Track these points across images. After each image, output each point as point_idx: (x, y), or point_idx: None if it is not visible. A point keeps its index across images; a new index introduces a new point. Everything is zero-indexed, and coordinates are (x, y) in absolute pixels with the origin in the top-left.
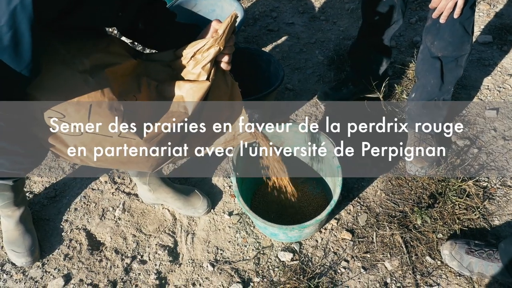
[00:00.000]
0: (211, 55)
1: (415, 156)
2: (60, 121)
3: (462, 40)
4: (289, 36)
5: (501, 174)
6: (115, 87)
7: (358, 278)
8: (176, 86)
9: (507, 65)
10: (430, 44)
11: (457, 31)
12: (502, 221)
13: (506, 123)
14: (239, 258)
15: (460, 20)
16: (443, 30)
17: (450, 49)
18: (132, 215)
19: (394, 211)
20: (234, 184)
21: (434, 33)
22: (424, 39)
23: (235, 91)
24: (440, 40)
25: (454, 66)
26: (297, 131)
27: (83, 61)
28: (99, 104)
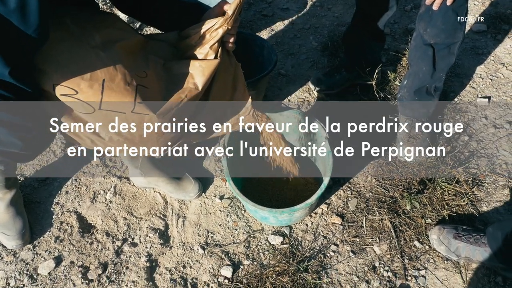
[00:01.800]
0: (220, 34)
1: (406, 142)
2: (73, 98)
3: (454, 28)
4: (284, 21)
5: (491, 161)
6: (126, 63)
7: (347, 262)
8: (184, 64)
9: (500, 54)
10: (423, 31)
11: (450, 18)
12: (490, 208)
13: (497, 111)
14: (230, 241)
15: (453, 8)
16: (435, 17)
17: (442, 36)
18: (124, 198)
19: (384, 196)
20: (225, 168)
21: (427, 20)
22: (417, 26)
23: (239, 72)
24: (432, 27)
25: (446, 54)
26: (289, 116)
27: (95, 36)
28: (112, 79)
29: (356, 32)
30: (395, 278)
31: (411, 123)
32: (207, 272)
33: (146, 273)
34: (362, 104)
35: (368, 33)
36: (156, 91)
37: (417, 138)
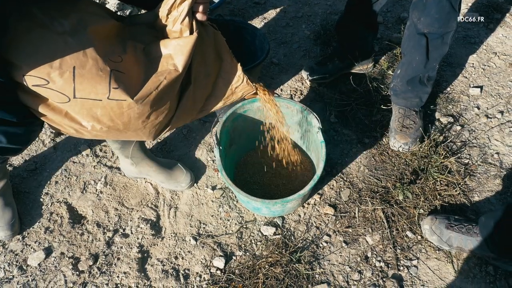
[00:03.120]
0: (186, 8)
1: (399, 131)
2: (45, 88)
3: (448, 17)
4: (276, 9)
5: (483, 151)
6: (99, 48)
7: (339, 252)
8: (162, 45)
9: (492, 43)
10: (416, 20)
11: (444, 7)
12: (481, 197)
13: (489, 101)
14: (222, 232)
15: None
16: (429, 6)
17: (436, 26)
18: (114, 188)
19: (376, 187)
20: (217, 158)
21: (421, 9)
22: (410, 15)
23: (220, 41)
24: (426, 16)
25: (440, 43)
26: (281, 105)
27: (62, 22)
28: (82, 65)
29: (349, 21)
30: (388, 268)
31: (404, 113)
32: (199, 263)
33: (138, 264)
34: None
35: (361, 21)
36: (134, 76)
37: (410, 128)
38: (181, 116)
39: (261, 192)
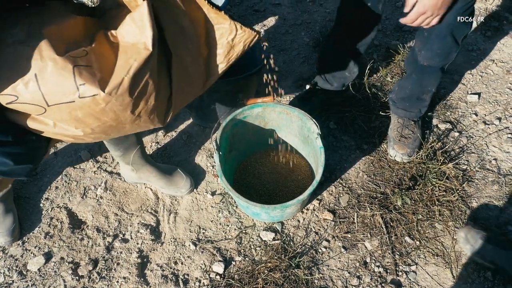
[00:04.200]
0: None
1: (397, 141)
2: (18, 104)
3: (450, 51)
4: (275, 17)
5: (481, 157)
6: (58, 47)
7: (338, 258)
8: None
9: (490, 50)
10: (417, 50)
11: (447, 43)
12: (480, 203)
13: (487, 107)
14: (221, 237)
15: (452, 32)
16: (432, 41)
17: (437, 60)
18: (114, 194)
19: (375, 193)
20: (217, 164)
21: (423, 41)
22: (414, 42)
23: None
24: (428, 50)
25: (438, 74)
26: (281, 111)
27: (11, 32)
28: (42, 70)
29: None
30: (386, 274)
31: (403, 122)
32: (199, 268)
33: (137, 269)
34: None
35: (350, 54)
36: (106, 66)
37: (409, 137)
38: (183, 92)
39: (260, 198)
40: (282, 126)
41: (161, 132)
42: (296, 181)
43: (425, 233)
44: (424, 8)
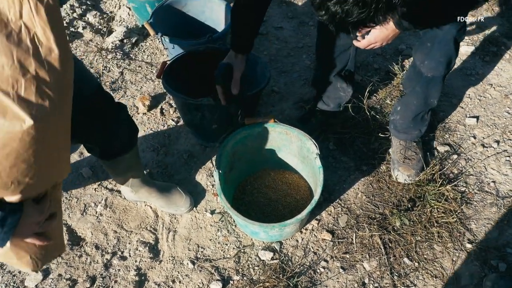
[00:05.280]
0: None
1: (402, 163)
2: None
3: (451, 58)
4: (277, 40)
5: (479, 179)
6: None
7: (336, 278)
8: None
9: (488, 75)
10: (419, 63)
11: (449, 50)
12: (478, 225)
13: (485, 130)
14: (220, 256)
15: (455, 36)
16: (435, 50)
17: (440, 69)
18: (114, 211)
19: (374, 213)
20: (216, 183)
21: (425, 52)
22: (414, 57)
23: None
24: (431, 60)
25: (440, 84)
26: (281, 132)
27: None
28: None
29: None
30: None
31: (405, 144)
32: (197, 287)
33: (135, 287)
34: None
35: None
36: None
37: (412, 159)
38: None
39: (259, 217)
40: (282, 146)
41: (162, 151)
42: (295, 200)
43: (423, 254)
44: (375, 39)
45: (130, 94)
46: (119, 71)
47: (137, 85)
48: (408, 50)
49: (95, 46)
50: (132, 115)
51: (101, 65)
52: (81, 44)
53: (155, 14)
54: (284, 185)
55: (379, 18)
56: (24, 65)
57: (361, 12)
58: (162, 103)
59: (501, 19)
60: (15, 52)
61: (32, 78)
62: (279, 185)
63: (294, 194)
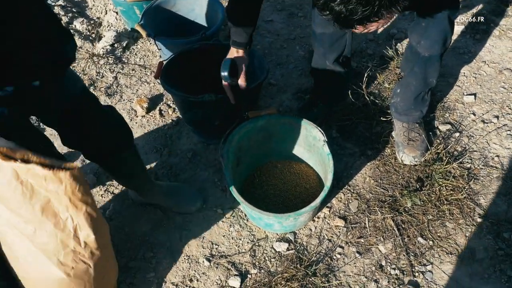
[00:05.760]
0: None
1: (406, 145)
2: None
3: (446, 36)
4: (269, 33)
5: (483, 155)
6: None
7: (354, 263)
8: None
9: (481, 52)
10: (416, 43)
11: (445, 29)
12: (487, 200)
13: (484, 107)
14: (235, 251)
15: (449, 14)
16: (430, 29)
17: (436, 48)
18: (124, 216)
19: (384, 196)
20: (227, 179)
21: (421, 32)
22: (409, 38)
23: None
24: (426, 39)
25: (438, 63)
26: (285, 122)
27: None
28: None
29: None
30: (403, 275)
31: (408, 126)
32: (215, 284)
33: None
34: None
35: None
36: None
37: (416, 140)
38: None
39: (271, 209)
40: (287, 137)
41: (165, 152)
42: (305, 189)
43: (437, 232)
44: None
45: (126, 98)
46: (112, 76)
47: (132, 89)
48: (400, 34)
49: (86, 53)
50: (131, 119)
51: (94, 71)
52: None
53: (145, 16)
54: (293, 176)
55: (383, 13)
56: (66, 243)
57: (365, 10)
58: (160, 104)
59: None
60: (59, 235)
61: (70, 251)
62: (287, 176)
63: (303, 183)
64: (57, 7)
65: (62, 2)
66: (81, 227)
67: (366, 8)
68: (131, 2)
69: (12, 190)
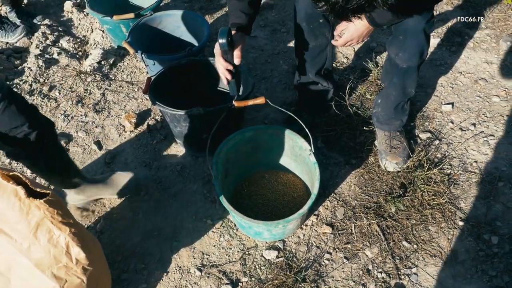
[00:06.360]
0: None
1: (388, 153)
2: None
3: (423, 48)
4: (253, 48)
5: (462, 161)
6: None
7: (341, 268)
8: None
9: (457, 63)
10: (394, 56)
11: (421, 41)
12: (467, 203)
13: (461, 115)
14: (226, 260)
15: (424, 28)
16: (408, 42)
17: (414, 60)
18: (114, 228)
19: (369, 203)
20: (217, 188)
21: (399, 45)
22: (388, 50)
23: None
24: (405, 51)
25: (416, 74)
26: (272, 133)
27: None
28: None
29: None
30: (390, 279)
31: (390, 135)
32: None
33: None
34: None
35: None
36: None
37: (398, 147)
38: None
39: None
40: (274, 147)
41: (154, 166)
42: (293, 198)
43: (420, 236)
44: (351, 37)
45: (114, 114)
46: (100, 93)
47: (120, 105)
48: (379, 47)
49: (73, 70)
50: (119, 134)
51: (81, 88)
52: (59, 69)
53: (132, 33)
54: (280, 185)
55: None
56: (58, 259)
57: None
58: (148, 119)
59: (461, 11)
60: (52, 250)
61: (63, 266)
62: (275, 185)
63: (291, 192)
64: (43, 26)
65: (48, 21)
66: (72, 244)
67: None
68: (117, 21)
69: (11, 207)
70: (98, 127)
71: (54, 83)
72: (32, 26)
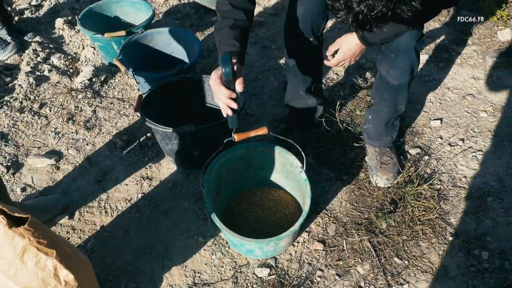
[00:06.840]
0: None
1: (379, 169)
2: None
3: (413, 67)
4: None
5: (451, 176)
6: None
7: (333, 285)
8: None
9: (445, 80)
10: (385, 73)
11: (412, 59)
12: (457, 219)
13: (450, 130)
14: (217, 278)
15: (415, 46)
16: (399, 60)
17: (405, 77)
18: (105, 246)
19: (360, 219)
20: (208, 206)
21: (390, 63)
22: (378, 68)
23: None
24: (396, 69)
25: (406, 91)
26: (263, 151)
27: None
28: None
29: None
30: None
31: (380, 151)
32: None
33: None
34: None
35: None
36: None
37: (388, 163)
38: None
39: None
40: (265, 165)
41: (146, 183)
42: (284, 215)
43: (411, 252)
44: (344, 57)
45: (105, 131)
46: (91, 110)
47: (111, 122)
48: (369, 63)
49: (64, 87)
50: (110, 152)
51: (72, 105)
52: (49, 86)
53: (123, 51)
54: (272, 202)
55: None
56: (47, 282)
57: (384, 5)
58: (139, 136)
59: (448, 28)
60: (40, 274)
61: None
62: (266, 202)
63: (282, 209)
64: (34, 43)
65: (39, 38)
66: (60, 267)
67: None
68: (109, 38)
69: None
70: (89, 144)
71: (45, 100)
72: (23, 43)
